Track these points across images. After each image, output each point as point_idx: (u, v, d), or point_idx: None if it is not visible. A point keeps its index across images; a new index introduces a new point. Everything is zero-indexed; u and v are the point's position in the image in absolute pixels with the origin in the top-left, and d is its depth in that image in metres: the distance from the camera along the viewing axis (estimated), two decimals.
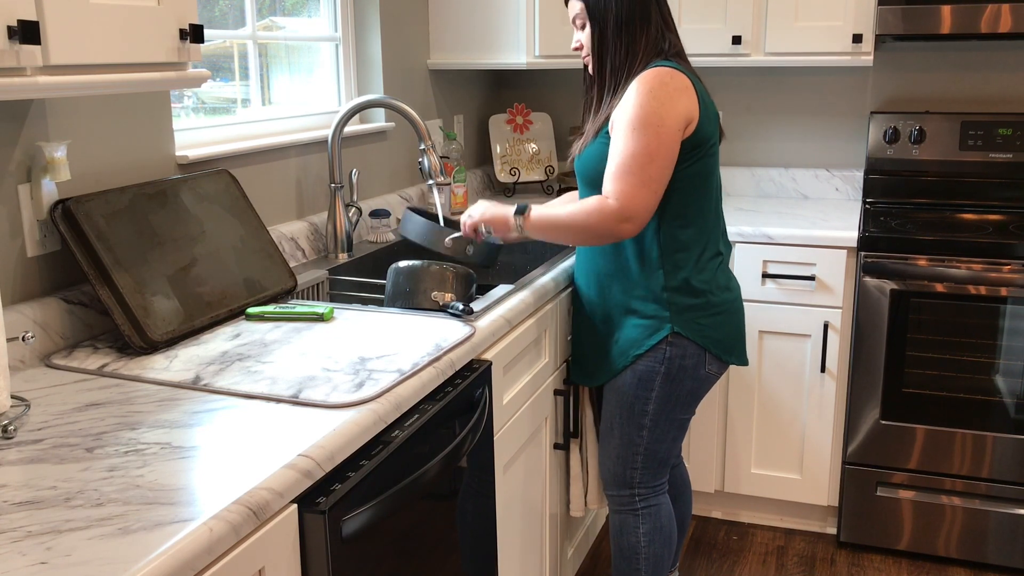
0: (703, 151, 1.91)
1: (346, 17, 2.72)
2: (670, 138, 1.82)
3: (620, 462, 2.09)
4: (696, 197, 1.94)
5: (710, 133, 1.92)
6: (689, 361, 1.98)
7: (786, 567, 2.75)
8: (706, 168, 1.93)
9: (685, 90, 1.85)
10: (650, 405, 2.01)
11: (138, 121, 1.84)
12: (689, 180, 1.92)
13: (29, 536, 1.00)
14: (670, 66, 1.88)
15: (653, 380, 1.99)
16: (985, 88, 3.03)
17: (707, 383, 2.04)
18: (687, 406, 2.05)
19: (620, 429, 2.06)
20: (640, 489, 2.10)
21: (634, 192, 1.81)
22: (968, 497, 2.67)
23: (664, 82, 1.84)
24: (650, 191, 1.82)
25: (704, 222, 1.96)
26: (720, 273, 2.01)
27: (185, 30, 1.47)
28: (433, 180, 2.26)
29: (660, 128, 1.81)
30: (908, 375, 2.64)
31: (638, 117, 1.82)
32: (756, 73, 3.26)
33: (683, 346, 1.97)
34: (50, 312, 1.62)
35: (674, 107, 1.83)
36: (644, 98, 1.83)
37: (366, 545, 1.31)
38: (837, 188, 3.24)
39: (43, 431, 1.29)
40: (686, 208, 1.93)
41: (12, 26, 1.18)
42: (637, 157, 1.81)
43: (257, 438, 1.25)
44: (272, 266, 1.95)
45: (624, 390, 2.03)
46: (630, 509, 2.12)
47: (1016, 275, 2.50)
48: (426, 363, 1.55)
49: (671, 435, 2.07)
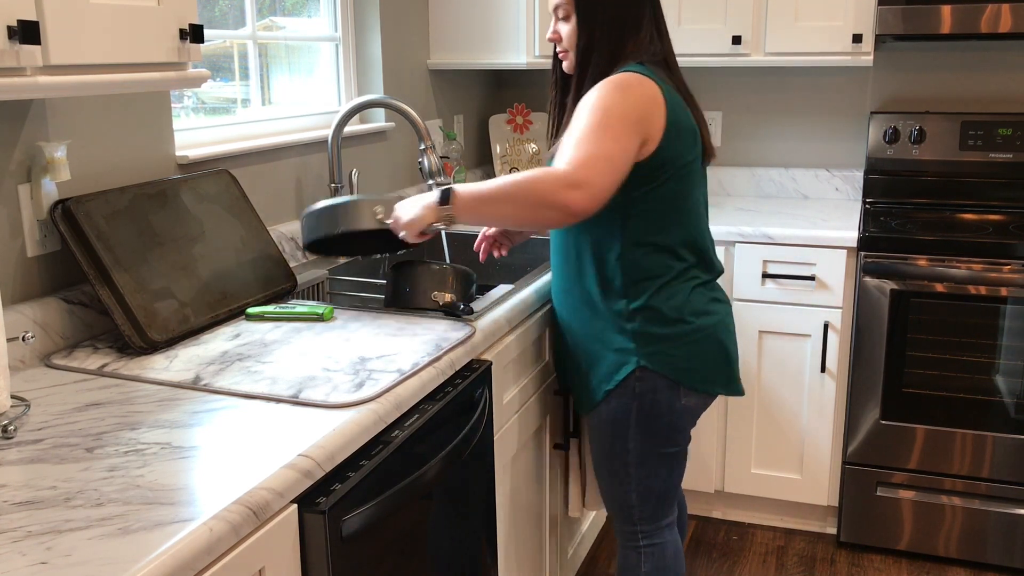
0: (670, 172, 1.74)
1: (346, 17, 2.72)
2: (629, 132, 1.65)
3: (615, 500, 1.96)
4: (666, 222, 1.77)
5: (678, 153, 1.74)
6: (661, 395, 1.81)
7: (786, 567, 2.75)
8: (677, 190, 1.76)
9: (652, 99, 1.69)
10: (630, 443, 1.86)
11: (138, 121, 1.84)
12: (655, 203, 1.75)
13: (29, 536, 1.00)
14: (641, 70, 1.72)
15: (627, 417, 1.84)
16: (985, 88, 3.03)
17: (688, 415, 1.86)
18: (670, 441, 1.87)
19: (607, 467, 1.93)
20: (642, 525, 1.95)
21: (588, 159, 1.59)
22: (968, 497, 2.66)
23: (630, 84, 1.68)
24: (608, 165, 1.60)
25: (677, 247, 1.79)
26: (696, 297, 1.82)
27: (185, 30, 1.47)
28: (433, 180, 2.26)
29: (623, 117, 1.64)
30: (908, 375, 2.64)
31: (597, 102, 1.66)
32: (756, 73, 3.26)
33: (652, 380, 1.80)
34: (50, 312, 1.62)
35: (636, 108, 1.67)
36: (606, 90, 1.68)
37: (366, 545, 1.31)
38: (837, 188, 3.24)
39: (43, 431, 1.29)
40: (653, 234, 1.77)
41: (12, 26, 1.18)
42: (595, 129, 1.62)
43: (257, 438, 1.25)
44: (272, 266, 1.95)
45: (602, 428, 1.89)
46: (633, 545, 1.97)
47: (1016, 275, 2.50)
48: (426, 363, 1.55)
49: (662, 471, 1.90)
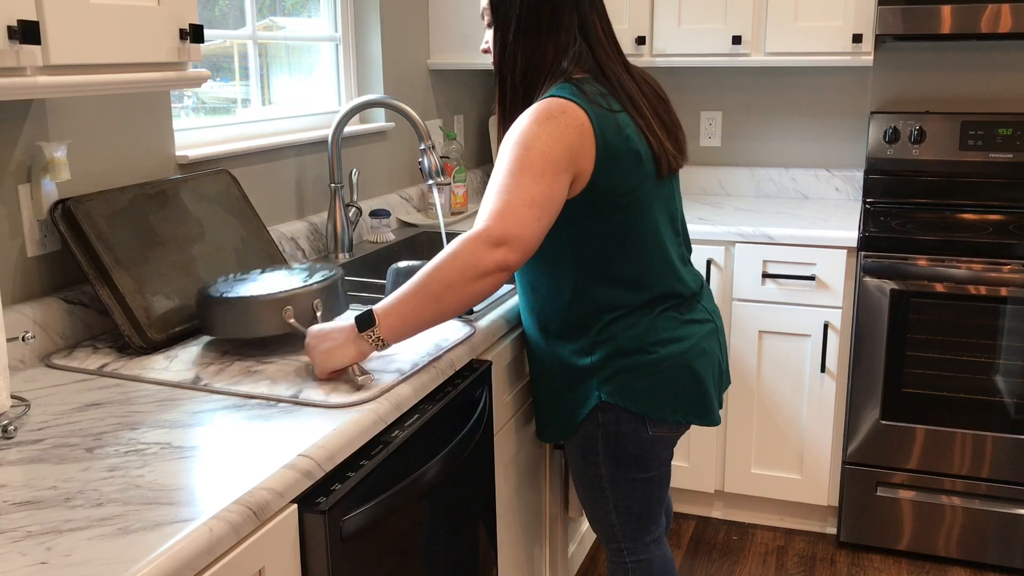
0: (612, 203, 1.62)
1: (346, 17, 2.72)
2: (556, 171, 1.52)
3: (596, 520, 1.89)
4: (618, 254, 1.66)
5: (617, 182, 1.60)
6: (626, 427, 1.72)
7: (786, 567, 2.75)
8: (625, 221, 1.64)
9: (578, 129, 1.54)
10: (601, 468, 1.79)
11: (138, 121, 1.84)
12: (603, 236, 1.64)
13: (29, 536, 1.00)
14: (564, 95, 1.57)
15: (595, 446, 1.77)
16: (985, 88, 3.03)
17: (659, 444, 1.76)
18: (642, 468, 1.78)
19: (585, 491, 1.86)
20: (626, 543, 1.89)
21: (507, 210, 1.47)
22: (968, 497, 2.67)
23: (552, 115, 1.54)
24: (533, 214, 1.48)
25: (639, 278, 1.68)
26: (663, 323, 1.70)
27: (185, 30, 1.47)
28: (433, 180, 2.26)
29: (546, 155, 1.51)
30: (908, 375, 2.64)
31: (518, 140, 1.53)
32: (756, 73, 3.26)
33: (615, 411, 1.72)
34: (50, 312, 1.62)
35: (561, 142, 1.53)
36: (527, 125, 1.55)
37: (366, 545, 1.31)
38: (837, 188, 3.24)
39: (43, 431, 1.29)
40: (606, 268, 1.66)
41: (12, 26, 1.18)
42: (515, 175, 1.50)
43: (257, 438, 1.25)
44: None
45: (573, 453, 1.83)
46: (619, 561, 1.91)
47: (1016, 275, 2.50)
48: (426, 363, 1.55)
49: (639, 494, 1.82)
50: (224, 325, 1.55)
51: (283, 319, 1.54)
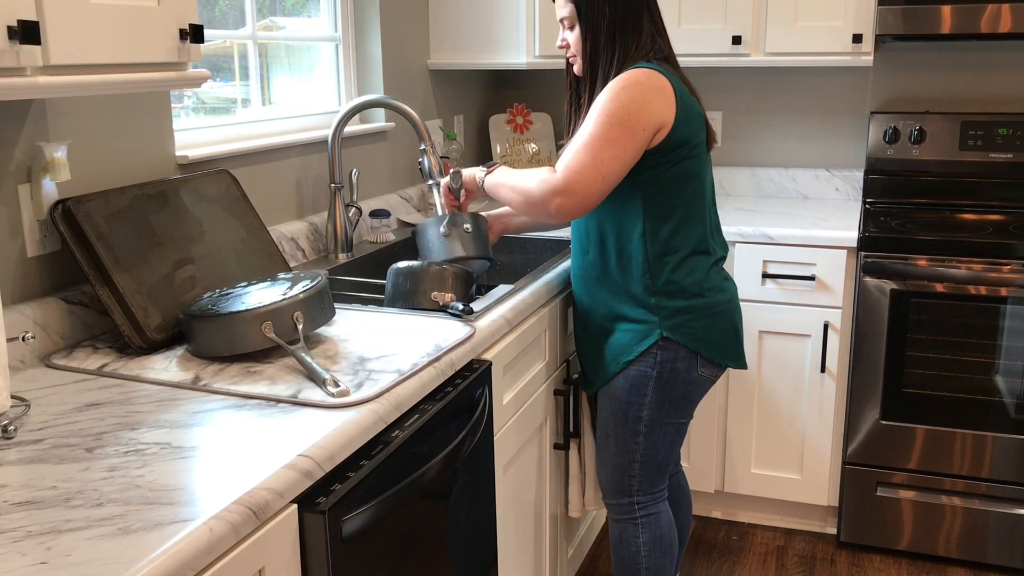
0: (685, 152, 1.89)
1: (346, 17, 2.72)
2: (634, 134, 1.81)
3: (617, 470, 2.07)
4: (683, 199, 1.91)
5: (691, 134, 1.89)
6: (681, 364, 1.95)
7: (786, 567, 2.75)
8: (691, 169, 1.91)
9: (660, 91, 1.83)
10: (644, 411, 1.99)
11: (138, 121, 1.84)
12: (672, 182, 1.90)
13: (29, 536, 1.00)
14: (649, 67, 1.86)
15: (646, 385, 1.97)
16: (985, 88, 3.03)
17: (701, 386, 2.00)
18: (682, 410, 2.02)
19: (616, 436, 2.04)
20: (639, 496, 2.08)
21: (580, 169, 1.79)
22: (968, 497, 2.67)
23: (639, 81, 1.83)
24: (599, 174, 1.79)
25: (693, 224, 1.93)
26: (713, 274, 1.97)
27: (185, 30, 1.47)
28: (433, 180, 2.26)
29: (625, 121, 1.80)
30: (908, 375, 2.64)
31: (605, 107, 1.82)
32: (756, 73, 3.26)
33: (674, 350, 1.94)
34: (50, 312, 1.62)
35: (645, 105, 1.81)
36: (615, 92, 1.82)
37: (366, 545, 1.31)
38: (837, 188, 3.24)
39: (43, 431, 1.29)
40: (671, 210, 1.91)
41: (12, 26, 1.18)
42: (595, 139, 1.80)
43: (257, 438, 1.25)
44: (272, 266, 1.95)
45: (617, 396, 2.01)
46: (629, 518, 2.09)
47: (1016, 275, 2.50)
48: (426, 363, 1.55)
49: (668, 440, 2.04)
50: (208, 343, 1.55)
51: (263, 334, 1.54)
